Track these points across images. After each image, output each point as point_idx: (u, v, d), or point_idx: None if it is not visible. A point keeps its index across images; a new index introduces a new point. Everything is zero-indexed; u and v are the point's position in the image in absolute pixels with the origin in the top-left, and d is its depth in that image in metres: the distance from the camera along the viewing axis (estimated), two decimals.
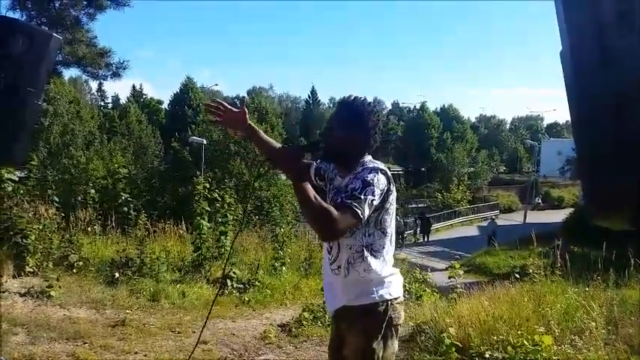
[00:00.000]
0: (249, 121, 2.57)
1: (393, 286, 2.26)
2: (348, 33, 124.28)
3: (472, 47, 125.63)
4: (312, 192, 2.04)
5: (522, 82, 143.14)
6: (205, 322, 3.87)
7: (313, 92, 73.82)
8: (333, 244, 2.27)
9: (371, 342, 2.17)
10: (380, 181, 2.13)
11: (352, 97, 2.31)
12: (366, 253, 2.19)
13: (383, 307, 2.19)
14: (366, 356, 2.18)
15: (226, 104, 2.57)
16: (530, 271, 6.11)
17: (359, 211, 2.01)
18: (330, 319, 2.52)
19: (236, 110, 2.53)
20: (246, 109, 2.53)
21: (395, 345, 2.26)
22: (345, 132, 2.24)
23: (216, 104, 2.58)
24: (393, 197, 2.23)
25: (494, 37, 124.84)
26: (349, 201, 2.03)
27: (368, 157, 2.29)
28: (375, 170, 2.17)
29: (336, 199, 2.17)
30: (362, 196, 2.05)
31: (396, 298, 2.24)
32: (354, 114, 2.26)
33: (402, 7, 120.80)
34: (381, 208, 2.18)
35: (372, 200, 2.07)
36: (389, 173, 2.23)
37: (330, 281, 2.33)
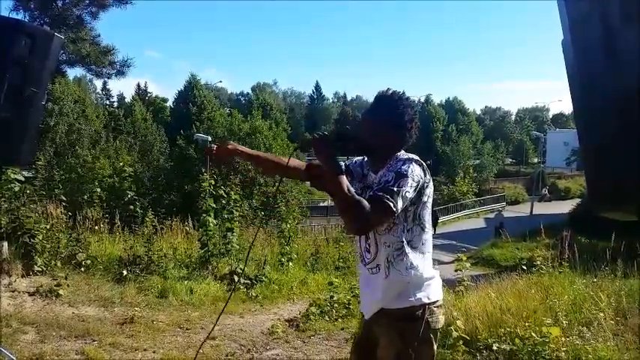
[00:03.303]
0: (232, 146, 2.56)
1: (432, 289, 2.17)
2: (351, 31, 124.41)
3: (476, 42, 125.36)
4: (345, 183, 1.96)
5: (527, 75, 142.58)
6: (217, 319, 3.88)
7: (317, 87, 73.85)
8: (370, 243, 2.18)
9: (407, 347, 2.09)
10: (414, 172, 2.03)
11: (389, 92, 2.22)
12: (407, 250, 2.10)
13: (420, 312, 2.11)
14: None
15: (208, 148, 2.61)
16: (538, 262, 6.09)
17: (391, 204, 1.93)
18: (361, 319, 2.43)
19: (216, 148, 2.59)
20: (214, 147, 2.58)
21: (433, 350, 2.17)
22: (381, 127, 2.17)
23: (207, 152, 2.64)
24: (430, 190, 2.14)
25: (498, 30, 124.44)
26: (381, 193, 1.95)
27: (402, 152, 2.20)
28: (410, 161, 2.08)
29: (369, 193, 2.05)
30: (395, 189, 1.95)
31: (434, 302, 2.16)
32: (390, 109, 2.18)
33: (406, 5, 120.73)
34: (418, 202, 2.08)
35: (406, 192, 1.98)
36: (424, 164, 2.13)
37: (367, 283, 2.24)
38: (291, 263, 8.43)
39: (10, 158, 3.46)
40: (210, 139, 24.41)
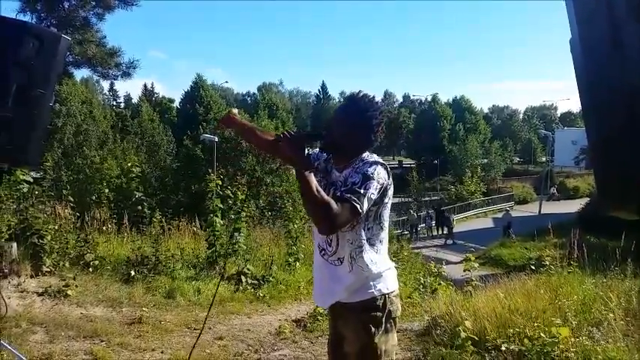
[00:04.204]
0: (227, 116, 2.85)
1: (389, 280, 2.27)
2: (351, 31, 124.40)
3: (476, 42, 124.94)
4: (314, 183, 2.03)
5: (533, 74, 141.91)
6: (206, 317, 3.89)
7: (324, 87, 73.76)
8: (332, 239, 2.25)
9: (373, 337, 2.18)
10: (380, 175, 2.13)
11: (361, 94, 2.28)
12: (366, 247, 2.21)
13: (381, 301, 2.22)
14: (370, 351, 2.19)
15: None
16: (546, 262, 6.05)
17: (358, 206, 2.02)
18: (328, 316, 2.53)
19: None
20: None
21: (395, 338, 2.28)
22: (350, 127, 2.23)
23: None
24: (391, 192, 2.25)
25: (498, 30, 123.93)
26: (349, 195, 2.03)
27: (366, 153, 2.28)
28: (376, 164, 2.18)
29: (335, 192, 2.13)
30: (362, 190, 2.05)
31: (392, 291, 2.26)
32: (360, 111, 2.24)
33: (408, 5, 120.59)
34: (380, 203, 2.19)
35: (372, 194, 2.08)
36: (388, 167, 2.23)
37: (329, 274, 2.30)
38: (298, 263, 8.42)
39: (18, 159, 3.47)
40: (216, 139, 24.46)
